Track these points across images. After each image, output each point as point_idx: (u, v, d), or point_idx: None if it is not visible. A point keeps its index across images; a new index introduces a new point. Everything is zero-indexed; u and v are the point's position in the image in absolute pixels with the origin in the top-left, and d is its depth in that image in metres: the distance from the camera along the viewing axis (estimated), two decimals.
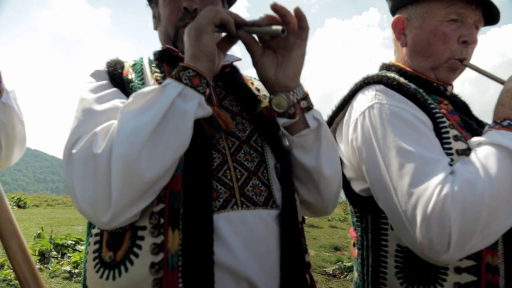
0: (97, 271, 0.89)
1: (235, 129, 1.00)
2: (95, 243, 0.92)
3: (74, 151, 0.83)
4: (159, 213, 0.85)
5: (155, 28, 1.19)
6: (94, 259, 0.91)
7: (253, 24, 0.92)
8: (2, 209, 0.97)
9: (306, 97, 0.97)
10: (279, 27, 0.86)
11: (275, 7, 0.89)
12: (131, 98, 0.84)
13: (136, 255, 0.84)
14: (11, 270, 4.51)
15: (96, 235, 0.93)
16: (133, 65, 1.10)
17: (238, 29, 0.92)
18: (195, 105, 0.84)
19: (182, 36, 1.00)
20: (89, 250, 0.93)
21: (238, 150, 0.97)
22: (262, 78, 0.98)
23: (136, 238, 0.85)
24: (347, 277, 5.02)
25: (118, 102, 0.93)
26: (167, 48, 1.10)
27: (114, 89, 0.99)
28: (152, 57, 1.15)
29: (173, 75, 0.86)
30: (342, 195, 1.18)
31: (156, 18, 1.17)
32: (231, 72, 1.15)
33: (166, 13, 1.09)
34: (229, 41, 0.97)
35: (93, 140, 0.82)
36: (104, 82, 1.01)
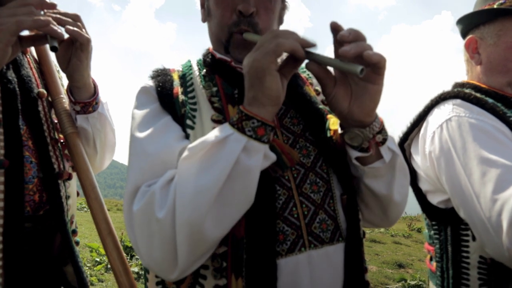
0: None
1: (299, 155, 0.91)
2: None
3: (134, 208, 0.79)
4: (222, 256, 0.82)
5: (204, 21, 1.06)
6: (157, 284, 0.90)
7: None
8: (101, 212, 1.08)
9: (382, 129, 0.86)
10: (358, 67, 0.71)
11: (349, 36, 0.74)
12: (187, 152, 0.77)
13: None
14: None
15: None
16: (182, 76, 1.00)
17: (307, 57, 0.79)
18: (260, 159, 0.77)
19: (236, 43, 0.95)
20: (150, 271, 0.93)
21: (304, 181, 0.89)
22: (334, 110, 0.86)
23: (199, 275, 0.84)
24: None
25: (173, 139, 0.86)
26: (219, 59, 1.00)
27: (165, 118, 0.90)
28: (201, 60, 1.06)
29: (234, 122, 0.77)
30: (407, 210, 1.17)
31: (205, 10, 1.04)
32: (292, 79, 0.98)
33: (218, 13, 0.96)
34: (293, 65, 0.81)
35: (153, 200, 0.76)
36: (153, 106, 0.93)
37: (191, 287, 0.85)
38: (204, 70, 1.01)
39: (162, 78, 0.98)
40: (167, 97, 0.93)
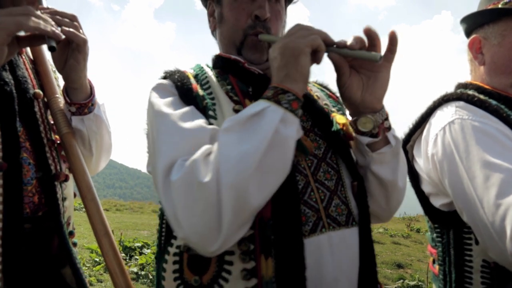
0: None
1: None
2: (174, 262, 0.92)
3: (173, 178, 0.78)
4: (249, 239, 0.84)
5: (214, 29, 1.13)
6: (175, 280, 0.90)
7: (344, 46, 0.88)
8: (97, 212, 1.07)
9: (387, 117, 0.97)
10: (377, 54, 0.85)
11: (369, 32, 0.88)
12: (227, 123, 0.81)
13: (226, 280, 0.84)
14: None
15: (174, 254, 0.92)
16: (195, 76, 1.05)
17: (328, 50, 0.89)
18: (295, 130, 0.82)
19: (250, 44, 1.02)
20: (166, 268, 0.93)
21: (318, 169, 0.96)
22: (347, 99, 0.96)
23: (224, 262, 0.85)
24: None
25: (202, 122, 0.88)
26: (233, 59, 1.05)
27: (191, 106, 0.93)
28: (210, 64, 1.11)
29: (270, 97, 0.82)
30: (406, 210, 1.17)
31: (216, 18, 1.10)
32: None
33: (233, 17, 1.03)
34: (313, 59, 0.89)
35: (194, 168, 0.77)
36: (174, 98, 0.95)
37: (216, 275, 0.85)
38: (216, 71, 1.06)
39: (179, 75, 1.01)
40: (188, 91, 0.96)
